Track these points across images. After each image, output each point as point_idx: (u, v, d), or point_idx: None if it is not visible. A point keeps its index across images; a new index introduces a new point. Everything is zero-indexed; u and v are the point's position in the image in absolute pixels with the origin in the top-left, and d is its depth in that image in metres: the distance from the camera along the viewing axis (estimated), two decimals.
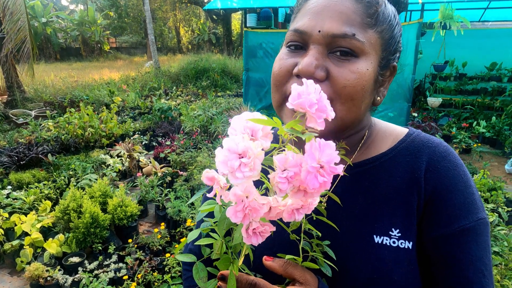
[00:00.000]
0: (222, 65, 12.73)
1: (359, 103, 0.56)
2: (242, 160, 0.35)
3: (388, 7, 0.60)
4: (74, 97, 9.12)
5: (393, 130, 0.68)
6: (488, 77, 7.44)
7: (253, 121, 0.38)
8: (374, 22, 0.56)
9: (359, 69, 0.54)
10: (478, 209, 0.58)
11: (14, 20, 7.01)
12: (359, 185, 0.62)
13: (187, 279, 0.82)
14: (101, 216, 2.83)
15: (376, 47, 0.57)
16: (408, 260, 0.57)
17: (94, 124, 5.54)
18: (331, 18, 0.54)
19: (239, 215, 0.38)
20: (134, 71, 14.75)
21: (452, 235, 0.56)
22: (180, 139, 5.11)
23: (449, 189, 0.58)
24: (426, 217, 0.58)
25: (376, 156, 0.64)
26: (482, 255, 0.57)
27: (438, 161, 0.60)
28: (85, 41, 26.15)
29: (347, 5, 0.55)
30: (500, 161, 5.25)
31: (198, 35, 29.10)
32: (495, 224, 2.66)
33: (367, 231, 0.59)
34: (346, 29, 0.54)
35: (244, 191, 0.38)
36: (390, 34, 0.59)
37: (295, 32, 0.57)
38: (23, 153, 4.38)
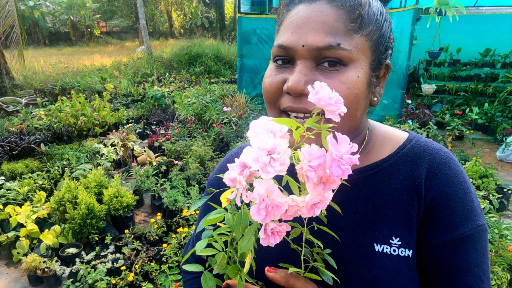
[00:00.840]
0: (215, 50, 12.56)
1: (354, 111, 0.55)
2: (273, 156, 0.38)
3: (373, 5, 0.57)
4: (65, 84, 8.97)
5: (393, 135, 0.67)
6: (482, 63, 7.46)
7: (274, 121, 0.42)
8: (359, 26, 0.54)
9: (349, 78, 0.53)
10: (478, 216, 0.59)
11: (1, 4, 6.81)
12: (360, 193, 0.62)
13: (187, 282, 0.82)
14: (97, 207, 2.83)
15: (364, 51, 0.55)
16: (409, 268, 0.58)
17: (86, 112, 5.48)
18: (313, 30, 0.53)
19: (262, 213, 0.40)
20: (125, 57, 14.50)
21: (452, 243, 0.57)
22: (175, 127, 5.08)
23: (449, 196, 0.58)
24: (426, 225, 0.59)
25: (377, 163, 0.63)
26: (481, 261, 0.58)
27: (438, 168, 0.60)
28: (74, 25, 25.55)
29: (329, 14, 0.53)
30: (492, 148, 5.31)
31: (191, 19, 28.57)
32: (486, 211, 2.72)
33: (367, 239, 0.59)
34: (330, 40, 0.52)
35: (266, 190, 0.40)
36: (379, 34, 0.57)
37: (279, 48, 0.56)
38: (15, 143, 4.33)
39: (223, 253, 0.51)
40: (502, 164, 4.69)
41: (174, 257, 2.46)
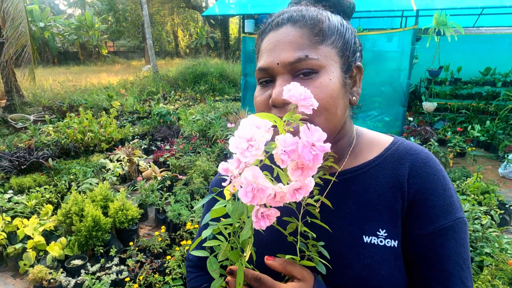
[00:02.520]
0: (220, 69, 12.81)
1: (334, 109, 0.62)
2: (250, 143, 0.45)
3: (333, 19, 0.66)
4: (72, 101, 9.17)
5: (380, 139, 0.74)
6: (483, 81, 7.56)
7: (258, 116, 0.49)
8: (322, 38, 0.63)
9: (322, 82, 0.61)
10: (456, 210, 0.65)
11: (15, 25, 7.07)
12: (349, 190, 0.69)
13: (191, 281, 0.88)
14: (103, 219, 2.89)
15: (332, 57, 0.63)
16: (395, 257, 0.64)
17: (93, 128, 5.60)
18: (283, 50, 0.62)
19: (249, 195, 0.46)
20: (132, 75, 14.80)
21: (433, 233, 0.63)
22: (179, 143, 5.17)
23: (429, 192, 0.65)
24: (410, 218, 0.65)
25: (364, 163, 0.70)
26: (460, 250, 0.63)
27: (420, 167, 0.67)
28: (83, 45, 26.21)
29: (294, 34, 0.62)
30: (494, 165, 5.34)
31: (196, 39, 29.20)
32: (487, 226, 2.74)
33: (357, 231, 0.66)
34: (299, 54, 0.60)
35: (253, 176, 0.46)
36: (343, 41, 0.65)
37: (260, 70, 0.65)
38: (23, 158, 4.43)
39: (226, 242, 0.58)
40: (505, 181, 4.71)
41: (177, 269, 2.49)
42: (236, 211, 0.53)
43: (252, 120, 0.49)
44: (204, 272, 0.86)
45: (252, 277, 0.57)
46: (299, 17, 0.64)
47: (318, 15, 0.65)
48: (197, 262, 0.88)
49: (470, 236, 2.68)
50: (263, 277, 0.57)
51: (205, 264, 0.85)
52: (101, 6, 30.46)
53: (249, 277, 0.57)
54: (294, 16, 0.64)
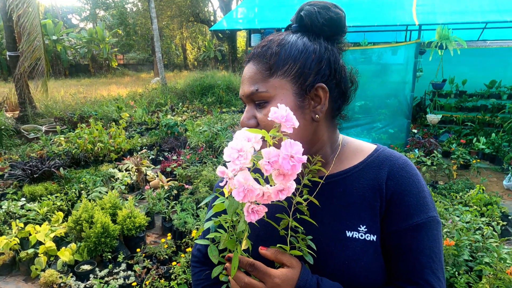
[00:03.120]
0: (227, 81, 13.01)
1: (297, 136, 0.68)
2: (240, 153, 0.55)
3: (289, 47, 0.73)
4: (83, 112, 9.39)
5: (363, 147, 0.84)
6: (488, 94, 7.60)
7: (249, 131, 0.59)
8: (274, 71, 0.72)
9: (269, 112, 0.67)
10: (429, 209, 0.73)
11: (30, 40, 7.34)
12: (335, 191, 0.78)
13: (195, 274, 0.97)
14: (111, 226, 2.99)
15: (283, 86, 0.72)
16: (373, 250, 0.72)
17: (103, 139, 5.75)
18: (244, 84, 0.76)
19: (241, 194, 0.56)
20: (141, 88, 15.10)
21: (408, 229, 0.72)
22: (186, 154, 5.28)
23: (404, 193, 0.73)
24: (387, 215, 0.74)
25: (349, 168, 0.80)
26: (432, 245, 0.72)
27: (397, 171, 0.76)
28: (93, 58, 26.82)
29: (252, 69, 0.75)
30: (499, 177, 5.34)
31: (204, 52, 29.69)
32: (487, 236, 2.78)
33: (340, 227, 0.74)
34: (251, 88, 0.73)
35: (244, 178, 0.56)
36: (297, 67, 0.72)
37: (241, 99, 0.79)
38: (36, 167, 4.58)
39: (226, 233, 0.67)
40: (509, 193, 4.71)
41: (182, 275, 2.57)
42: (231, 207, 0.63)
43: (244, 133, 0.59)
44: (207, 267, 0.95)
45: (247, 263, 0.66)
46: (259, 53, 0.74)
47: (273, 49, 0.73)
48: (201, 258, 0.97)
49: (470, 247, 2.72)
50: (256, 263, 0.66)
51: (208, 259, 0.96)
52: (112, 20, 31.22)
53: (244, 263, 0.66)
54: (255, 53, 0.76)
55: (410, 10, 5.77)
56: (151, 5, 13.34)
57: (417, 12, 5.65)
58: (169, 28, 25.16)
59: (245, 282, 0.65)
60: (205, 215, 3.37)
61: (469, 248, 2.67)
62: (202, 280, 0.93)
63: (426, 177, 4.72)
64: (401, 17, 5.77)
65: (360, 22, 6.08)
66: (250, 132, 0.59)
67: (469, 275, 2.41)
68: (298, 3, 7.79)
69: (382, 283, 0.73)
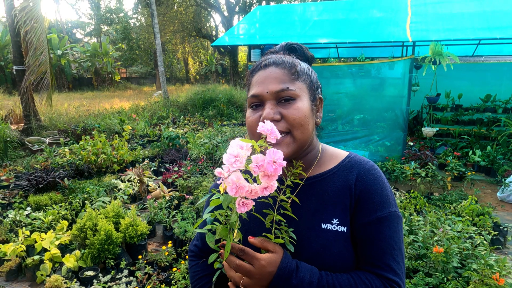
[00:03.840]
0: (228, 95, 13.23)
1: (307, 126, 0.87)
2: (236, 158, 0.69)
3: (302, 64, 0.92)
4: (86, 125, 9.57)
5: (338, 154, 0.98)
6: (483, 108, 7.76)
7: (242, 141, 0.72)
8: (297, 76, 0.88)
9: (299, 106, 0.85)
10: (391, 205, 0.87)
11: (37, 54, 7.58)
12: (313, 191, 0.92)
13: (192, 267, 1.10)
14: (115, 234, 3.10)
15: (303, 90, 0.89)
16: (344, 240, 0.86)
17: (106, 151, 5.90)
18: (271, 83, 0.86)
19: (233, 190, 0.69)
20: (143, 101, 15.35)
21: (372, 222, 0.85)
22: (187, 165, 5.42)
23: (370, 192, 0.87)
24: (356, 210, 0.87)
25: (325, 171, 0.94)
26: (393, 235, 0.85)
27: (364, 174, 0.90)
28: (97, 71, 27.25)
29: (277, 72, 0.88)
30: (494, 189, 5.44)
31: (206, 66, 30.14)
32: (476, 244, 2.88)
33: (317, 220, 0.88)
34: (282, 86, 0.85)
35: (236, 178, 0.69)
36: (309, 80, 0.91)
37: (252, 97, 0.89)
38: (41, 177, 4.71)
39: (221, 225, 0.80)
40: (503, 204, 4.81)
41: (182, 281, 2.67)
42: (226, 201, 0.76)
43: (237, 142, 0.73)
44: (201, 259, 1.08)
45: (238, 248, 0.79)
46: (281, 61, 0.90)
47: (293, 61, 0.91)
48: (198, 252, 1.10)
49: (460, 254, 2.82)
50: (246, 249, 0.79)
51: (204, 253, 1.09)
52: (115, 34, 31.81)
53: (235, 249, 0.79)
54: (276, 61, 0.91)
55: (404, 27, 5.98)
56: (154, 20, 13.69)
57: (411, 29, 5.85)
58: (171, 43, 25.62)
59: (237, 264, 0.78)
60: None
61: (459, 256, 2.77)
62: (199, 271, 1.05)
63: (421, 188, 4.83)
64: (396, 34, 5.97)
65: (356, 39, 6.29)
66: (242, 142, 0.72)
67: (457, 281, 2.50)
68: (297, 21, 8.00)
69: (351, 268, 0.86)
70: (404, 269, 0.85)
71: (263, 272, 0.77)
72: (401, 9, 6.97)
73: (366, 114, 6.88)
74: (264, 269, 0.77)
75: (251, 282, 0.78)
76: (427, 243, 2.88)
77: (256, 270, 0.77)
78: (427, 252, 2.79)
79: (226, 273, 0.82)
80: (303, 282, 0.78)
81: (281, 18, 8.32)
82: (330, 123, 7.03)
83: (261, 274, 0.77)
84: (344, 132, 6.97)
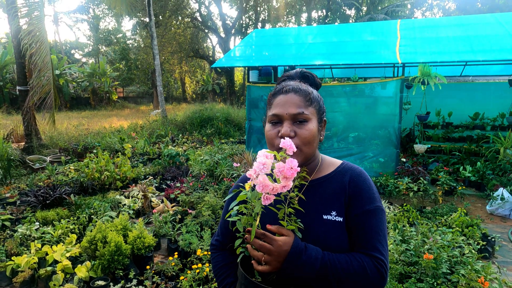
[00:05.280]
0: (225, 114, 13.54)
1: (313, 143, 1.11)
2: (264, 165, 0.91)
3: (314, 93, 1.15)
4: (87, 143, 9.75)
5: (334, 162, 1.22)
6: (473, 125, 8.10)
7: (267, 151, 0.94)
8: (310, 103, 1.12)
9: (309, 127, 1.09)
10: (376, 201, 1.11)
11: (40, 76, 7.83)
12: (315, 190, 1.15)
13: (214, 258, 1.30)
14: (124, 245, 3.26)
15: (314, 114, 1.12)
16: (340, 227, 1.09)
17: (109, 168, 6.08)
18: (290, 107, 1.10)
19: (260, 188, 0.91)
20: (141, 119, 15.58)
21: (362, 213, 1.08)
22: (189, 181, 5.60)
23: (360, 190, 1.11)
24: (349, 205, 1.10)
25: (325, 175, 1.18)
26: (379, 224, 1.08)
27: (355, 177, 1.14)
28: (94, 91, 27.57)
29: (296, 98, 1.10)
30: (484, 203, 5.68)
31: (203, 86, 30.62)
32: (463, 253, 3.09)
33: (319, 213, 1.11)
34: (299, 110, 1.09)
35: (263, 179, 0.92)
36: (319, 106, 1.15)
37: (273, 115, 1.12)
38: (47, 194, 4.87)
39: (245, 216, 1.02)
40: (492, 217, 5.03)
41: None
42: (254, 195, 0.98)
43: (264, 153, 0.97)
44: (222, 252, 1.29)
45: (260, 233, 1.01)
46: (298, 89, 1.14)
47: (308, 90, 1.15)
48: (218, 245, 1.31)
49: (450, 262, 3.01)
50: (266, 233, 1.01)
51: (223, 246, 1.30)
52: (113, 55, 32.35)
53: (258, 233, 1.01)
54: (295, 88, 1.14)
55: (394, 50, 6.34)
56: (154, 42, 14.10)
57: (400, 52, 6.21)
58: (169, 63, 26.14)
59: (260, 244, 1.00)
60: (209, 233, 3.67)
61: (448, 263, 2.97)
62: (220, 261, 1.27)
63: (414, 202, 5.05)
64: (386, 56, 6.32)
65: (349, 61, 6.63)
66: (267, 153, 0.95)
67: (447, 286, 2.69)
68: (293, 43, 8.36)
69: (347, 250, 1.08)
70: (387, 250, 1.08)
71: (280, 251, 0.98)
72: (391, 33, 7.38)
73: (360, 132, 7.15)
74: (281, 248, 0.99)
75: (270, 258, 0.99)
76: (419, 251, 3.07)
77: (274, 248, 0.99)
78: (418, 259, 2.99)
79: (250, 253, 1.03)
80: (310, 257, 1.00)
81: (277, 41, 8.71)
82: (326, 141, 7.29)
83: (279, 252, 0.98)
84: (340, 149, 7.23)
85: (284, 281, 1.02)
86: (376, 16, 21.08)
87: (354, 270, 1.01)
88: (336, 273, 1.00)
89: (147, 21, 15.82)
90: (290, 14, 26.67)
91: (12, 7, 8.32)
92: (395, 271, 2.88)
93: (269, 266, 0.99)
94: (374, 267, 1.03)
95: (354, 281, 1.01)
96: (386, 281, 1.05)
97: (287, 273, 1.00)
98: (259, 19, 26.12)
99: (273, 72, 7.42)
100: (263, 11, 26.20)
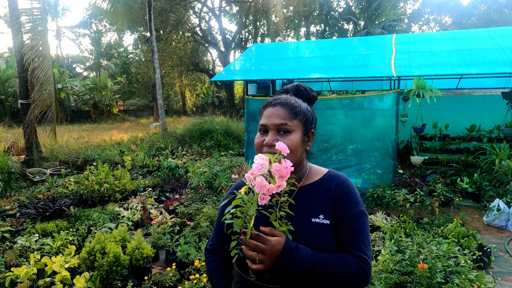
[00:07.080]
0: (225, 126, 13.65)
1: (296, 152, 1.18)
2: (262, 167, 0.98)
3: (302, 106, 1.22)
4: (87, 156, 9.82)
5: (321, 170, 1.30)
6: (469, 137, 8.18)
7: (264, 154, 1.02)
8: (295, 116, 1.19)
9: (292, 138, 1.17)
10: (360, 205, 1.19)
11: (42, 89, 7.95)
12: (304, 196, 1.23)
13: (208, 263, 1.37)
14: (122, 256, 3.29)
15: (299, 126, 1.20)
16: (327, 229, 1.16)
17: (109, 180, 6.13)
18: (275, 118, 1.18)
19: (258, 188, 0.98)
20: (141, 132, 15.70)
21: (347, 216, 1.17)
22: (188, 193, 5.65)
23: (345, 195, 1.19)
24: (335, 208, 1.19)
25: (312, 182, 1.25)
26: (362, 226, 1.17)
27: (341, 183, 1.22)
28: (95, 104, 27.82)
29: (281, 111, 1.19)
30: (481, 214, 5.71)
31: (203, 99, 30.88)
32: (458, 262, 3.12)
33: (308, 216, 1.19)
34: (282, 121, 1.18)
35: (260, 180, 0.99)
36: (305, 119, 1.22)
37: (261, 125, 1.22)
38: (47, 206, 4.91)
39: (240, 219, 1.09)
40: (488, 228, 5.07)
41: None
42: (251, 197, 1.05)
43: (261, 156, 1.04)
44: (216, 256, 1.35)
45: (254, 234, 1.08)
46: (285, 102, 1.22)
47: (295, 103, 1.23)
48: (212, 250, 1.37)
49: (445, 271, 3.04)
50: (260, 234, 1.08)
51: (218, 250, 1.36)
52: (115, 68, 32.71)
53: (252, 234, 1.08)
54: (282, 102, 1.23)
55: (389, 64, 6.48)
56: (154, 56, 14.32)
57: (395, 65, 6.35)
58: (170, 77, 26.44)
59: (254, 244, 1.07)
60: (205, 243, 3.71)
61: (443, 273, 3.00)
62: (215, 264, 1.34)
63: (411, 213, 5.09)
64: (382, 70, 6.45)
65: (346, 75, 6.77)
66: (264, 156, 1.03)
67: None
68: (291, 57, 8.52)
69: (333, 250, 1.16)
70: (370, 250, 1.17)
71: (273, 250, 1.05)
72: (386, 47, 7.54)
73: (358, 144, 7.22)
74: (274, 247, 1.06)
75: (264, 257, 1.06)
76: (414, 261, 3.11)
77: (268, 248, 1.05)
78: (413, 269, 3.02)
79: (245, 253, 1.10)
80: (301, 256, 1.07)
81: (275, 55, 8.87)
82: (325, 153, 7.37)
83: (272, 251, 1.05)
84: (338, 161, 7.29)
85: (276, 279, 1.10)
86: (373, 30, 21.44)
87: (341, 267, 1.09)
88: (324, 270, 1.07)
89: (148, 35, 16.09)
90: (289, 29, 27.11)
91: (16, 22, 8.51)
92: (390, 280, 2.91)
93: (263, 265, 1.06)
94: (359, 265, 1.11)
95: (341, 278, 1.09)
96: (370, 278, 1.13)
97: (279, 271, 1.07)
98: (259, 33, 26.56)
99: (272, 85, 7.55)
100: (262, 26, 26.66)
